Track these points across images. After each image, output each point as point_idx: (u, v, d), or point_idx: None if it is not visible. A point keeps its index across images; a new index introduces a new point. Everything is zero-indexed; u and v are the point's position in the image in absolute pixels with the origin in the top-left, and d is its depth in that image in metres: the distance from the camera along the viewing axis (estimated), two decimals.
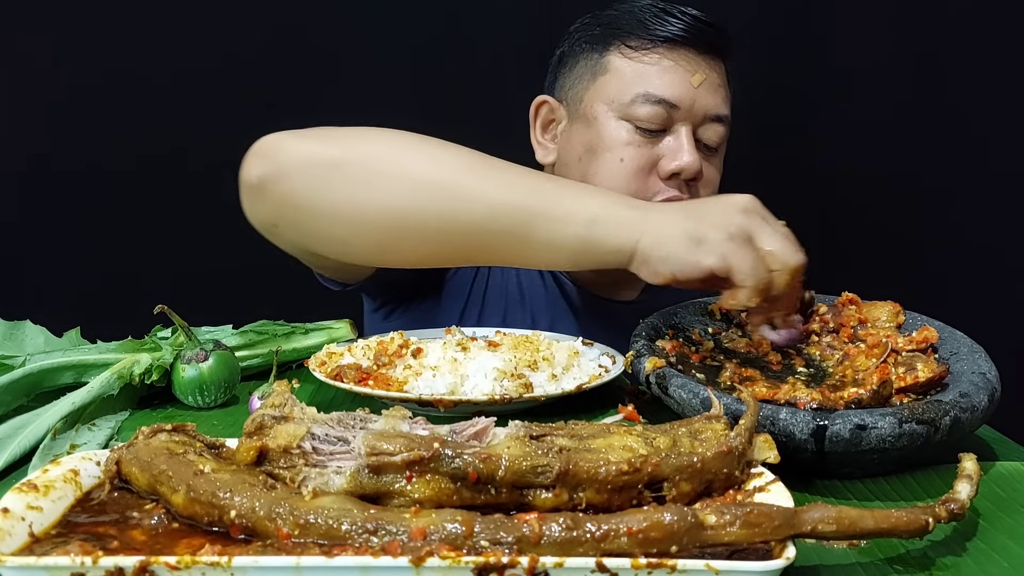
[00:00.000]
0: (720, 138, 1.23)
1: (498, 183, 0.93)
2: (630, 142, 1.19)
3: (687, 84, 1.19)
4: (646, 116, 1.18)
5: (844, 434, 0.71)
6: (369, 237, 0.95)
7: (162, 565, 0.53)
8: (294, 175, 0.95)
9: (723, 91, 1.23)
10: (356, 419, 0.66)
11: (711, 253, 0.86)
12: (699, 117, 1.20)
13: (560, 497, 0.61)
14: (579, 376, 0.94)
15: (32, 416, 0.85)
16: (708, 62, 1.21)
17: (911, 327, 0.93)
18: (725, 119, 1.23)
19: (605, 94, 1.22)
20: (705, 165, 1.21)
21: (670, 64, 1.20)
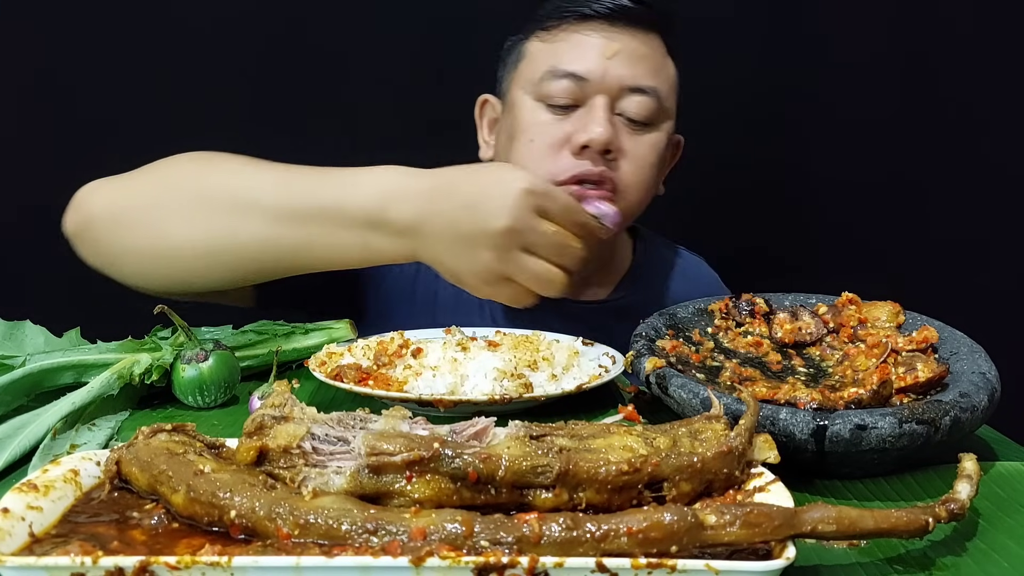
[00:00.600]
0: (647, 111, 1.16)
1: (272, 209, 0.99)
2: (541, 120, 1.16)
3: (599, 56, 1.14)
4: (555, 91, 1.15)
5: (844, 434, 0.71)
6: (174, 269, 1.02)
7: (162, 565, 0.53)
8: (97, 223, 1.04)
9: (649, 63, 1.17)
10: (356, 419, 0.66)
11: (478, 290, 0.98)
12: (615, 89, 1.14)
13: (560, 497, 0.61)
14: (579, 376, 0.94)
15: (32, 416, 0.85)
16: (629, 34, 1.16)
17: (911, 327, 0.93)
18: (651, 91, 1.16)
19: (522, 78, 1.20)
20: (628, 139, 1.15)
21: (581, 38, 1.16)
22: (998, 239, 1.79)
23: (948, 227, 1.79)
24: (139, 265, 1.04)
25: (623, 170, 1.15)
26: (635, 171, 1.16)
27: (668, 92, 1.19)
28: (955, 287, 1.67)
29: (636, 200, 1.18)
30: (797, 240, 1.80)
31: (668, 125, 1.21)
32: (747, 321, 0.98)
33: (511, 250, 0.94)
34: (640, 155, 1.17)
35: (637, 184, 1.17)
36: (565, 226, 0.96)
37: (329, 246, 0.99)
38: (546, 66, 1.16)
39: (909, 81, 1.75)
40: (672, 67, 1.22)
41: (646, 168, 1.17)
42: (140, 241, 1.03)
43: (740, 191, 1.78)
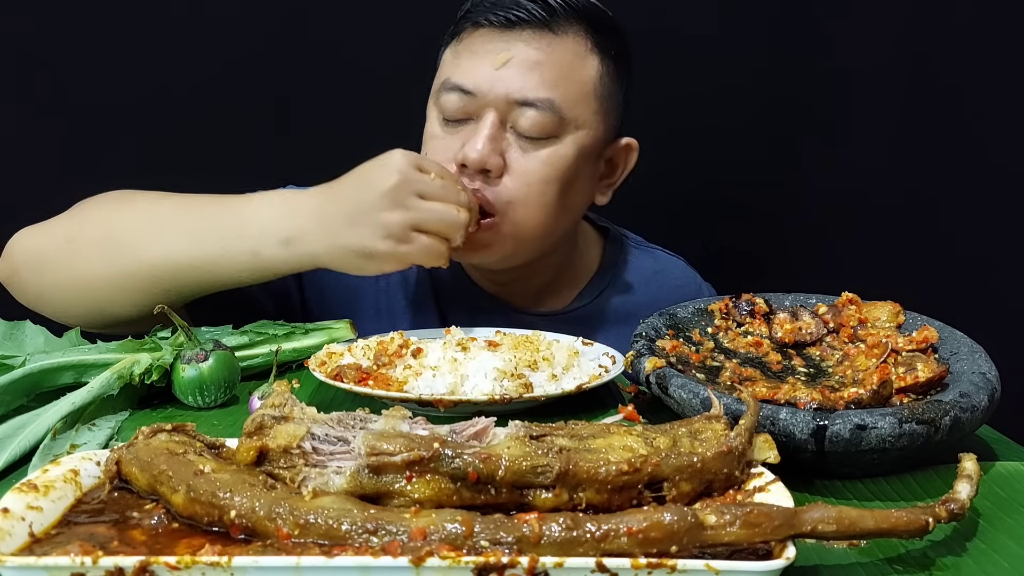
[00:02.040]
0: (538, 126, 1.09)
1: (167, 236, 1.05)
2: (435, 134, 1.14)
3: (488, 68, 1.09)
4: (447, 105, 1.11)
5: (844, 434, 0.71)
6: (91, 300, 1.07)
7: (162, 565, 0.53)
8: (22, 268, 1.10)
9: (547, 72, 1.09)
10: (356, 419, 0.66)
11: (387, 262, 1.00)
12: (503, 103, 1.08)
13: (560, 497, 0.61)
14: (579, 376, 0.94)
15: (32, 416, 0.85)
16: (526, 41, 1.10)
17: (911, 327, 0.93)
18: (543, 103, 1.08)
19: (433, 88, 1.18)
20: (517, 155, 1.09)
21: (477, 48, 1.11)
22: (998, 239, 1.79)
23: (948, 227, 1.79)
24: (60, 301, 1.09)
25: (506, 188, 1.10)
26: (520, 187, 1.10)
27: (575, 99, 1.11)
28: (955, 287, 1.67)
29: (527, 217, 1.12)
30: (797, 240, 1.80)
31: (580, 136, 1.12)
32: (747, 321, 0.98)
33: (409, 196, 0.98)
34: (529, 171, 1.10)
35: (522, 202, 1.10)
36: None
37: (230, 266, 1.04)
38: (443, 77, 1.13)
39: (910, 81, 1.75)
40: (594, 68, 1.13)
41: (536, 185, 1.10)
42: (59, 278, 1.08)
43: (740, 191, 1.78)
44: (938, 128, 1.75)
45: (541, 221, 1.13)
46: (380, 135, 1.70)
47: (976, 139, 1.75)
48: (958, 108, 1.75)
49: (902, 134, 1.77)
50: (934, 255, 1.78)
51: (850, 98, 1.76)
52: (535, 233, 1.14)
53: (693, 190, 1.78)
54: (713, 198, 1.79)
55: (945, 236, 1.79)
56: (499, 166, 1.09)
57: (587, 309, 1.28)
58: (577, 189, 1.16)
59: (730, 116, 1.75)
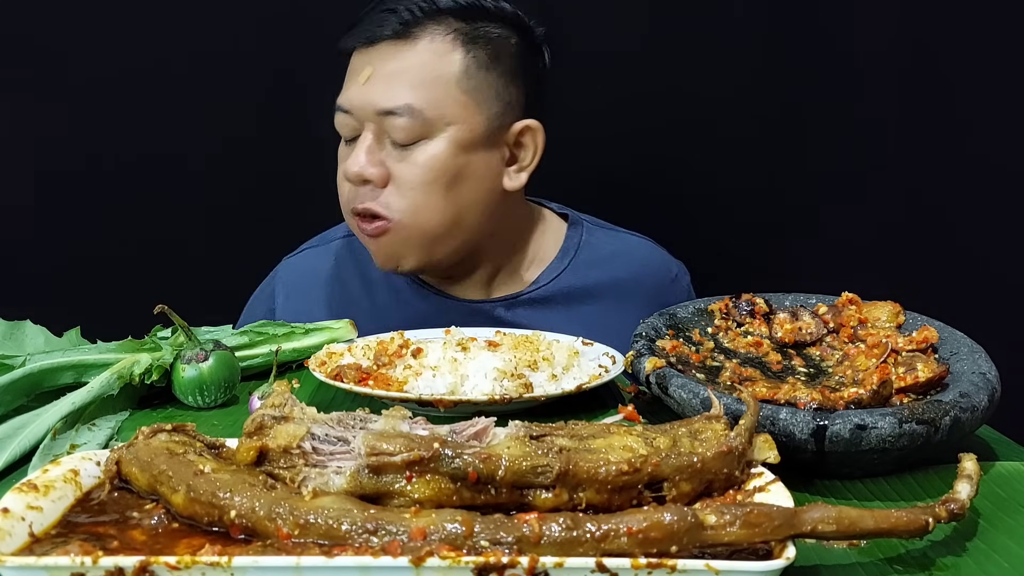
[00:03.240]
0: (404, 132, 1.14)
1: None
2: (341, 154, 1.21)
3: (357, 86, 1.16)
4: (338, 125, 1.18)
5: (844, 434, 0.71)
6: None
7: (162, 565, 0.53)
8: None
9: (406, 78, 1.14)
10: (356, 419, 0.66)
11: None
12: (372, 116, 1.15)
13: (560, 497, 0.61)
14: (579, 376, 0.94)
15: (32, 416, 0.85)
16: (383, 52, 1.15)
17: (911, 327, 0.93)
18: (404, 110, 1.13)
19: None
20: (397, 164, 1.15)
21: (350, 70, 1.19)
22: (999, 239, 1.79)
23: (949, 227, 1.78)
24: None
25: (391, 196, 1.16)
26: (405, 194, 1.15)
27: (440, 98, 1.14)
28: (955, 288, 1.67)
29: (425, 220, 1.16)
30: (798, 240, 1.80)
31: (453, 131, 1.15)
32: (747, 321, 0.98)
33: None
34: (408, 178, 1.15)
35: (411, 207, 1.15)
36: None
37: None
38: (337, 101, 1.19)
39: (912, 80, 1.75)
40: (456, 62, 1.15)
41: (418, 187, 1.15)
42: None
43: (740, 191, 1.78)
44: (939, 128, 1.75)
45: (437, 220, 1.17)
46: None
47: (977, 139, 1.75)
48: (959, 108, 1.75)
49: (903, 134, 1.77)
50: (934, 255, 1.77)
51: (851, 98, 1.75)
52: (436, 231, 1.18)
53: (692, 189, 1.78)
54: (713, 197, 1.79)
55: (945, 236, 1.78)
56: (380, 176, 1.15)
57: (544, 290, 1.30)
58: (468, 182, 1.18)
59: (729, 115, 1.75)
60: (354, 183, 1.16)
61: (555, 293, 1.29)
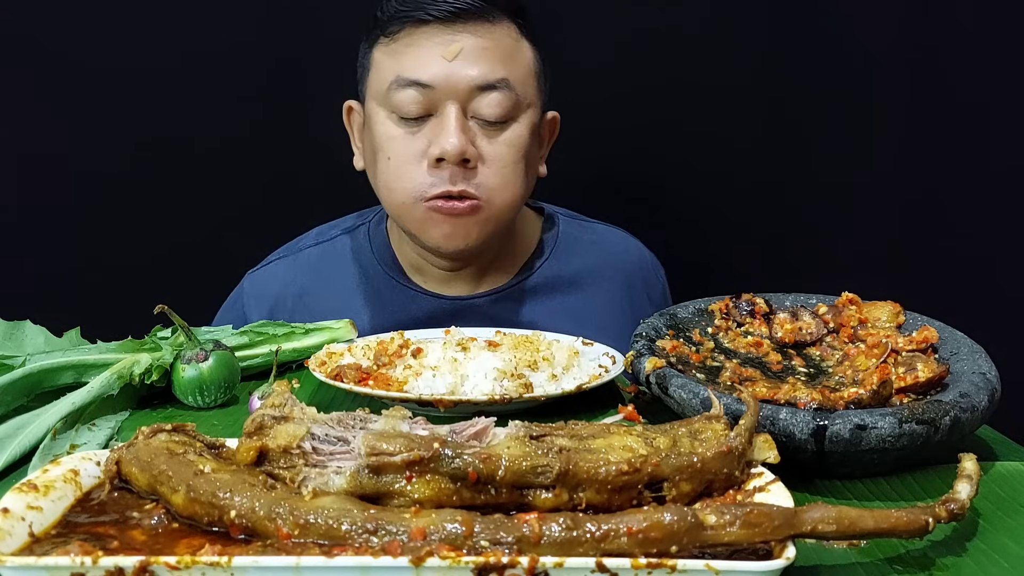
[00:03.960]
0: (501, 107, 1.13)
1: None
2: (394, 135, 1.14)
3: (440, 60, 1.11)
4: (403, 102, 1.12)
5: (844, 434, 0.71)
6: None
7: (162, 565, 0.53)
8: None
9: (496, 54, 1.13)
10: (356, 419, 0.66)
11: None
12: (463, 92, 1.11)
13: (560, 497, 0.61)
14: (579, 376, 0.94)
15: (32, 416, 0.85)
16: (471, 31, 1.13)
17: (911, 327, 0.93)
18: (502, 84, 1.12)
19: (372, 90, 1.17)
20: (486, 143, 1.13)
21: (422, 43, 1.12)
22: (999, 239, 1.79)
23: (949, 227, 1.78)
24: None
25: (485, 177, 1.14)
26: (497, 173, 1.14)
27: (524, 79, 1.16)
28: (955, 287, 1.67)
29: (507, 200, 1.17)
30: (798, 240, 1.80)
31: (530, 114, 1.17)
32: (747, 321, 0.98)
33: None
34: (500, 156, 1.14)
35: (502, 186, 1.15)
36: None
37: None
38: (391, 76, 1.13)
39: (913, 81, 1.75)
40: (528, 50, 1.18)
41: (509, 167, 1.15)
42: None
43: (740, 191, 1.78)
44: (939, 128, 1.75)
45: (516, 202, 1.19)
46: None
47: (977, 139, 1.75)
48: (960, 108, 1.75)
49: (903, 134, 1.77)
50: (934, 255, 1.77)
51: (851, 97, 1.75)
52: (510, 214, 1.20)
53: (693, 189, 1.78)
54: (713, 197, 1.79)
55: (945, 236, 1.78)
56: (475, 155, 1.13)
57: (528, 283, 1.30)
58: (532, 166, 1.21)
59: (730, 114, 1.75)
60: (453, 163, 1.11)
61: (539, 284, 1.29)
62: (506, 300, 1.28)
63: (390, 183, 1.16)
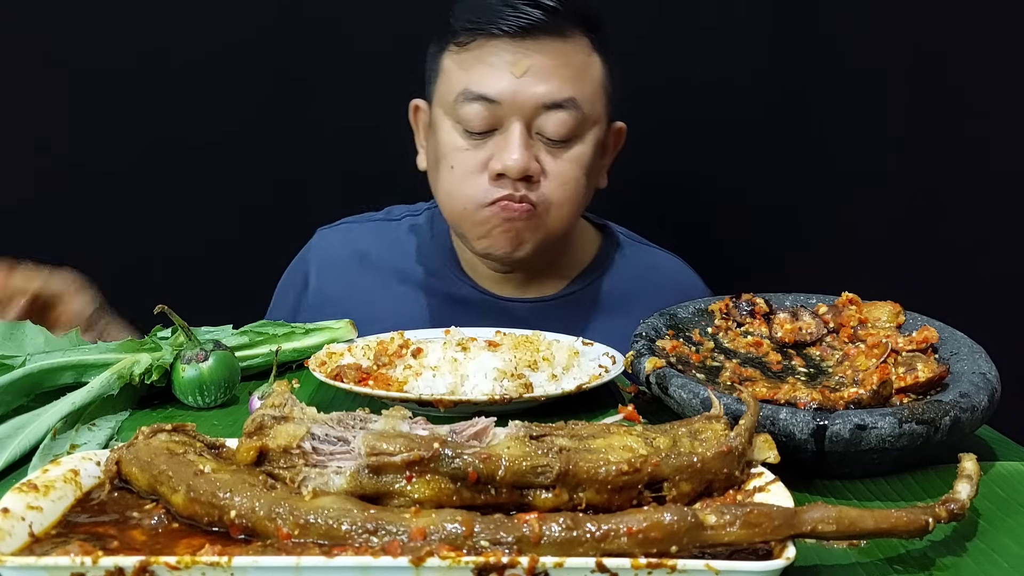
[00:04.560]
0: (565, 127, 1.13)
1: None
2: (458, 146, 1.15)
3: (508, 76, 1.11)
4: (469, 116, 1.13)
5: (844, 434, 0.71)
6: None
7: (162, 565, 0.53)
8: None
9: (565, 72, 1.13)
10: (356, 419, 0.66)
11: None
12: (529, 109, 1.12)
13: (560, 497, 0.61)
14: (579, 376, 0.94)
15: (32, 416, 0.85)
16: (541, 48, 1.12)
17: (911, 327, 0.93)
18: (568, 103, 1.13)
19: (440, 97, 1.18)
20: (548, 159, 1.14)
21: (491, 57, 1.13)
22: (999, 239, 1.79)
23: (949, 227, 1.78)
24: None
25: (545, 191, 1.15)
26: (557, 189, 1.15)
27: (591, 96, 1.16)
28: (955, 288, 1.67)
29: (562, 215, 1.18)
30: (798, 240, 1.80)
31: (595, 130, 1.17)
32: (747, 321, 0.98)
33: None
34: (561, 173, 1.15)
35: (561, 202, 1.17)
36: None
37: None
38: (459, 87, 1.14)
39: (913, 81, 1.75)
40: (598, 66, 1.18)
41: (570, 184, 1.16)
42: None
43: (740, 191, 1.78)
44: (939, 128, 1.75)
45: (573, 215, 1.21)
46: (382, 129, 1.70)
47: (977, 139, 1.75)
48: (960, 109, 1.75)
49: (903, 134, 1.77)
50: (934, 255, 1.77)
51: (851, 98, 1.76)
52: (566, 226, 1.21)
53: (693, 189, 1.78)
54: (713, 197, 1.79)
55: (946, 236, 1.78)
56: (537, 171, 1.14)
57: (576, 297, 1.30)
58: (593, 179, 1.22)
59: (730, 114, 1.75)
60: (514, 178, 1.12)
61: (588, 299, 1.30)
62: (554, 309, 1.29)
63: (451, 191, 1.18)
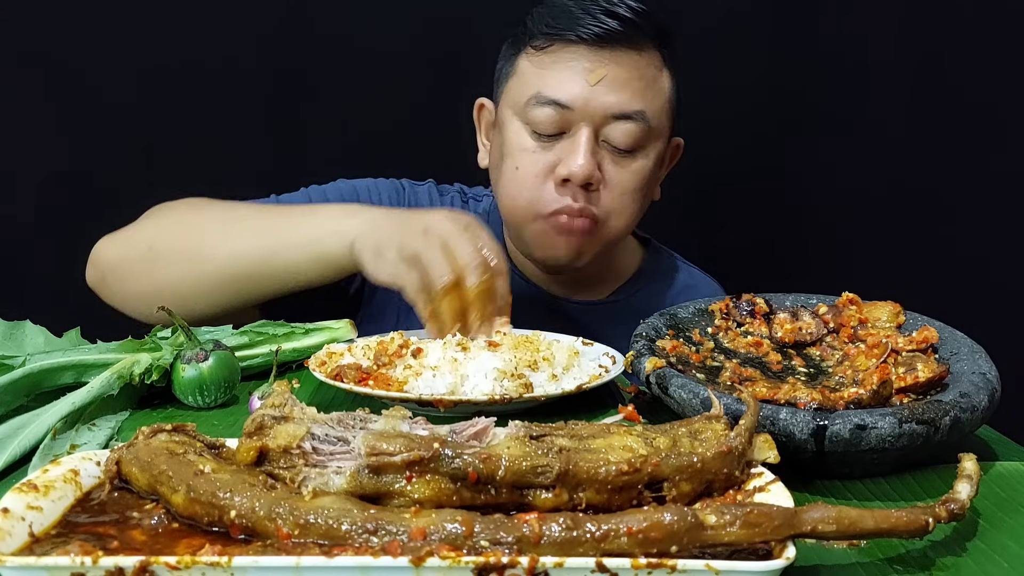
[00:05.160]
0: (632, 138, 1.16)
1: (237, 235, 1.12)
2: (526, 147, 1.17)
3: (582, 83, 1.14)
4: (539, 119, 1.15)
5: (844, 434, 0.71)
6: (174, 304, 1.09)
7: (162, 565, 0.53)
8: (108, 275, 1.19)
9: (637, 85, 1.15)
10: (356, 419, 0.66)
11: (383, 270, 1.01)
12: (599, 117, 1.14)
13: (560, 497, 0.61)
14: (579, 376, 0.94)
15: (32, 416, 0.85)
16: (617, 58, 1.15)
17: (911, 327, 0.93)
18: (637, 116, 1.15)
19: (510, 98, 1.20)
20: (612, 168, 1.16)
21: (567, 63, 1.15)
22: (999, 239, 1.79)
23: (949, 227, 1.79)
24: (145, 304, 1.14)
25: (604, 200, 1.17)
26: (616, 199, 1.18)
27: (659, 110, 1.19)
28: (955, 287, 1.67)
29: (620, 225, 1.21)
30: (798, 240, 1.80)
31: (658, 144, 1.20)
32: (747, 321, 0.98)
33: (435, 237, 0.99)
34: (623, 183, 1.17)
35: (619, 211, 1.19)
36: None
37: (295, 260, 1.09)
38: (532, 90, 1.16)
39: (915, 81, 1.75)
40: (667, 80, 1.21)
41: (628, 195, 1.18)
42: (142, 284, 1.15)
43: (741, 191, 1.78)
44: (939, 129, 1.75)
45: (628, 226, 1.23)
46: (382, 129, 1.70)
47: (977, 139, 1.76)
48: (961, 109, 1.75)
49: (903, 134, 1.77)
50: (934, 255, 1.78)
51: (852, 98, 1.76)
52: (621, 236, 1.24)
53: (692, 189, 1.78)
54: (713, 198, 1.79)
55: (946, 236, 1.79)
56: (599, 180, 1.16)
57: (621, 304, 1.34)
58: (650, 191, 1.24)
59: (730, 115, 1.75)
60: (578, 184, 1.14)
61: (629, 310, 1.31)
62: (599, 313, 1.32)
63: (513, 193, 1.19)
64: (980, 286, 1.76)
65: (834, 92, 1.75)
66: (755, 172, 1.78)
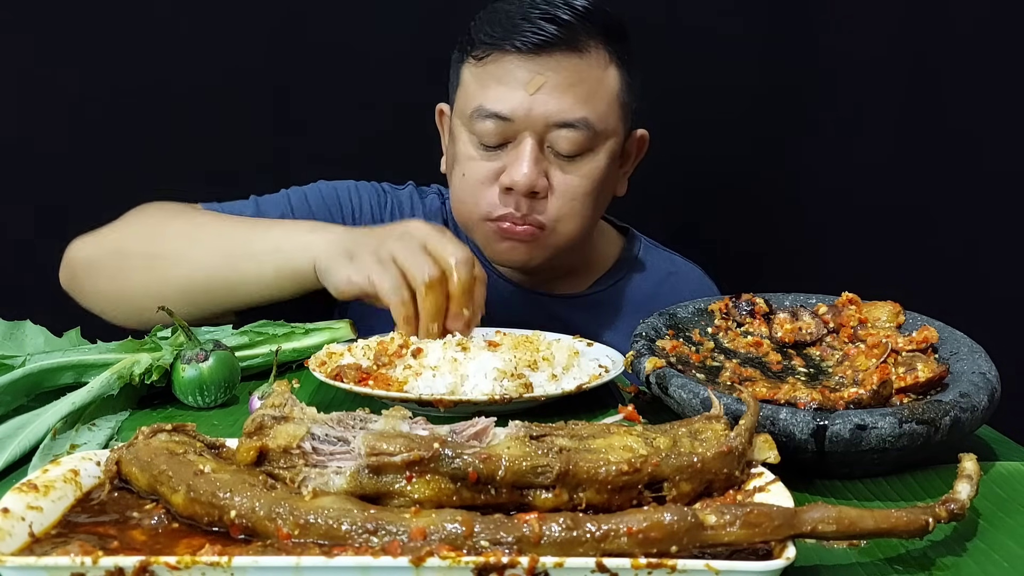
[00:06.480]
0: (576, 145, 1.14)
1: (205, 244, 1.12)
2: (472, 156, 1.17)
3: (522, 94, 1.12)
4: (483, 131, 1.15)
5: (844, 434, 0.71)
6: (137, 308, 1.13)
7: (162, 565, 0.53)
8: (79, 274, 1.19)
9: (580, 90, 1.14)
10: (356, 419, 0.66)
11: (355, 272, 1.00)
12: (541, 126, 1.13)
13: (560, 497, 0.61)
14: (579, 376, 0.94)
15: (32, 416, 0.85)
16: (555, 64, 1.13)
17: (911, 327, 0.93)
18: (580, 123, 1.14)
19: (459, 107, 1.20)
20: (559, 175, 1.16)
21: (506, 73, 1.14)
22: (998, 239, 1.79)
23: (949, 227, 1.79)
24: (111, 307, 1.18)
25: (552, 207, 1.17)
26: (565, 205, 1.17)
27: (605, 112, 1.16)
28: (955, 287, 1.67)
29: (570, 229, 1.19)
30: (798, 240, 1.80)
31: (610, 144, 1.18)
32: (747, 321, 0.98)
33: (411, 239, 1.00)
34: (571, 189, 1.16)
35: (568, 217, 1.18)
36: None
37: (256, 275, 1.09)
38: (475, 103, 1.16)
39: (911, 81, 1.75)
40: (615, 78, 1.18)
41: (579, 200, 1.17)
42: (108, 287, 1.17)
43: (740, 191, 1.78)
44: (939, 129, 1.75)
45: (582, 229, 1.21)
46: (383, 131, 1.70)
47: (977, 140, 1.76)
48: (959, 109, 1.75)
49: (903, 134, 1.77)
50: (934, 255, 1.78)
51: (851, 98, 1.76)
52: (574, 239, 1.22)
53: (693, 189, 1.79)
54: (713, 197, 1.79)
55: (945, 236, 1.79)
56: (545, 187, 1.15)
57: (601, 296, 1.33)
58: (606, 191, 1.23)
59: (730, 114, 1.75)
60: (521, 193, 1.14)
61: (610, 300, 1.32)
62: (579, 307, 1.31)
63: (461, 197, 1.20)
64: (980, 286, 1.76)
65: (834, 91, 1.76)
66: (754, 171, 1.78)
